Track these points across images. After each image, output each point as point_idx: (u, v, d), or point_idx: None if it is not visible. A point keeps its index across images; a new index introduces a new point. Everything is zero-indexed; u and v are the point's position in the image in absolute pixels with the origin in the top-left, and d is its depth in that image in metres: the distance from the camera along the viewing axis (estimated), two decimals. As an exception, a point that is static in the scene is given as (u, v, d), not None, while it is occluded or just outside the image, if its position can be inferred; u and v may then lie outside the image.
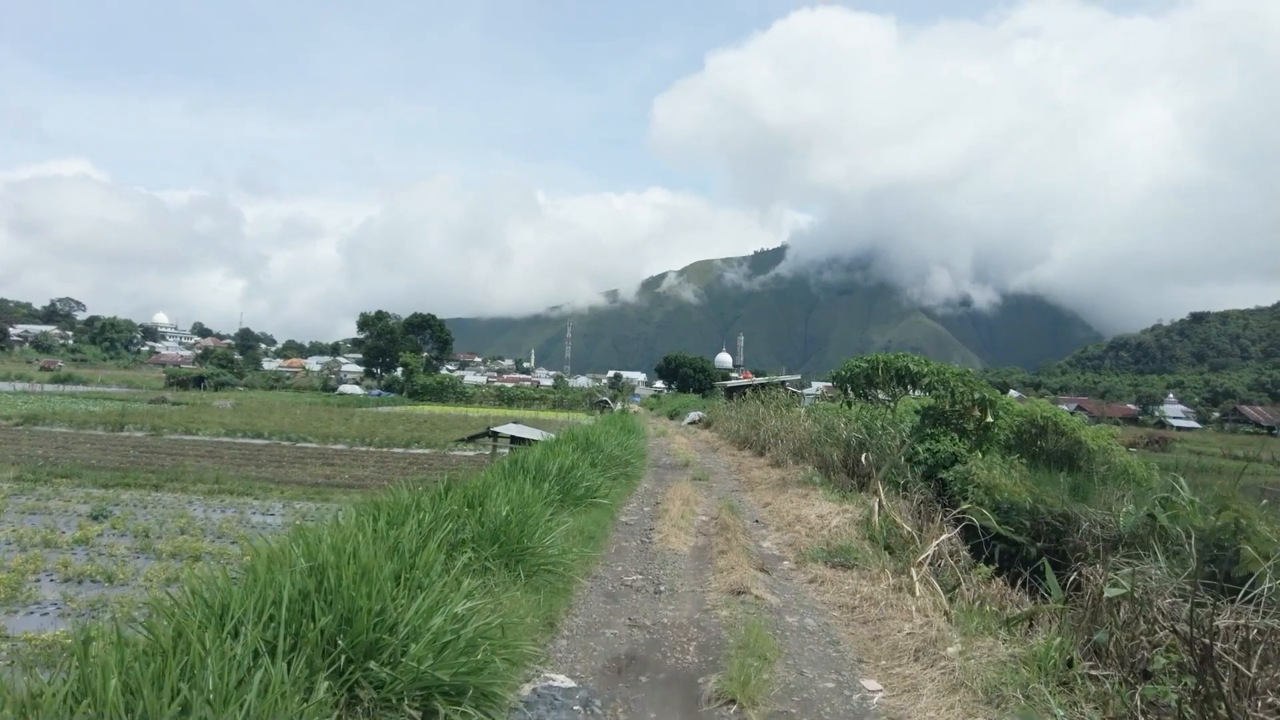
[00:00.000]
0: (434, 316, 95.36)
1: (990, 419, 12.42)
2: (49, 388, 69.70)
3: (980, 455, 14.01)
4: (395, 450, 32.82)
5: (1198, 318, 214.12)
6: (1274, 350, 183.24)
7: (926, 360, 13.01)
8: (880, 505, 9.46)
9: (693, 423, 41.37)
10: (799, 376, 57.07)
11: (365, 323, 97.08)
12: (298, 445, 33.16)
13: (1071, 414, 18.73)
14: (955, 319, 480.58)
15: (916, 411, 14.11)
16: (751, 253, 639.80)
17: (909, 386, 13.03)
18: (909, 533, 9.30)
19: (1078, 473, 17.09)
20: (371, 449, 32.97)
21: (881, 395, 13.84)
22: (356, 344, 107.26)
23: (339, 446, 33.43)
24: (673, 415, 52.01)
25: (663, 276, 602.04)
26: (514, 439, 20.28)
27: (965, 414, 12.94)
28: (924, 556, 7.04)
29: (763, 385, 38.39)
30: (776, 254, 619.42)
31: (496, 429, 19.96)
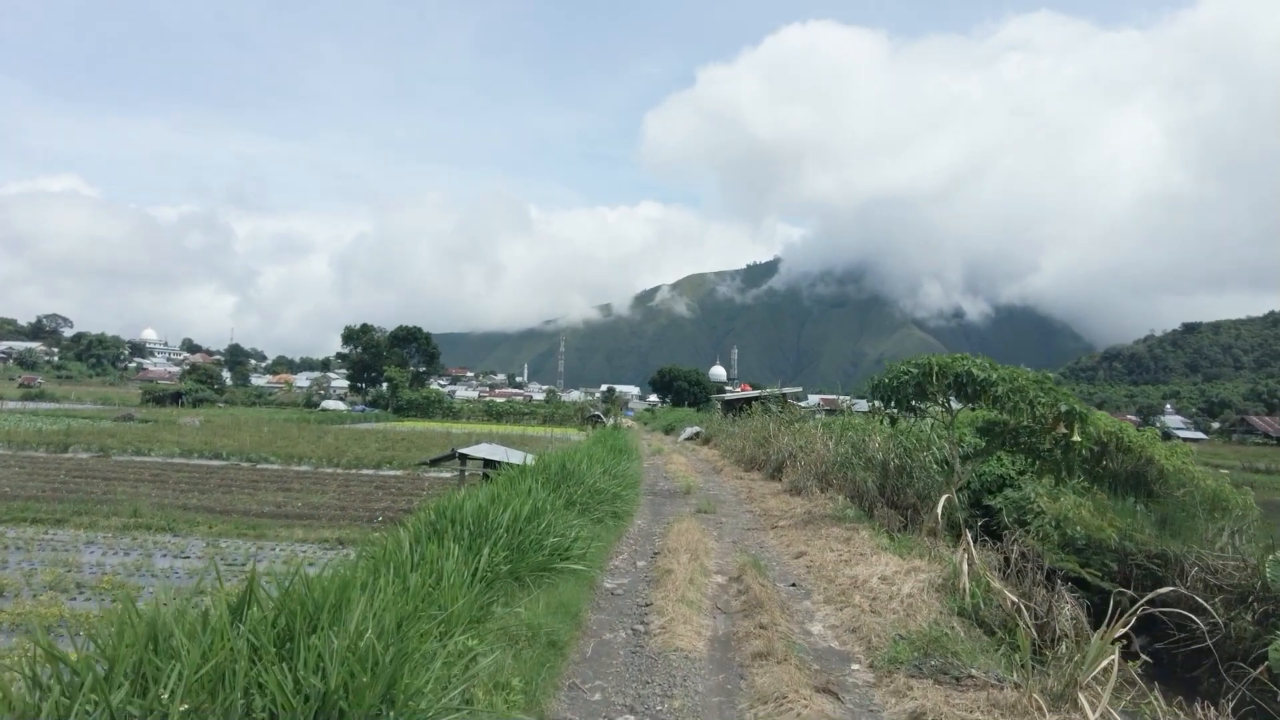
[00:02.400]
0: (420, 329, 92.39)
1: (1078, 437, 9.72)
2: (12, 405, 66.42)
3: (1056, 482, 11.32)
4: (364, 472, 29.88)
5: (1190, 328, 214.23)
6: (1266, 360, 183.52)
7: (993, 364, 10.32)
8: (970, 562, 6.71)
9: (690, 438, 38.61)
10: (800, 388, 54.41)
11: (350, 336, 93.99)
12: (257, 467, 30.17)
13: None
14: (947, 331, 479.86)
15: (978, 428, 11.39)
16: (744, 266, 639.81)
17: (969, 397, 10.36)
18: (1014, 605, 6.56)
19: (1150, 498, 14.35)
20: (338, 470, 30.00)
21: (931, 408, 11.15)
22: (342, 358, 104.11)
23: (302, 468, 30.44)
24: (668, 430, 49.25)
25: (655, 290, 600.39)
26: (487, 462, 17.43)
27: (1042, 431, 10.24)
28: (1101, 668, 4.29)
29: (761, 398, 35.76)
30: (769, 267, 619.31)
31: (464, 451, 17.09)
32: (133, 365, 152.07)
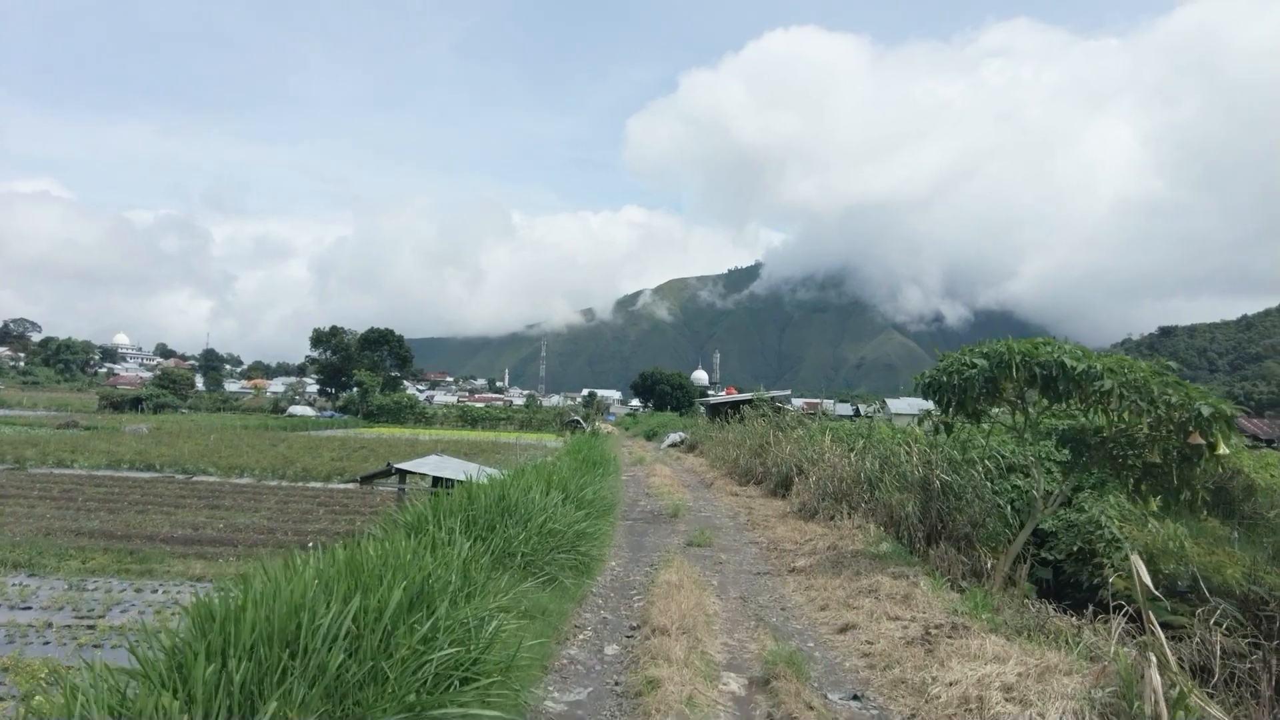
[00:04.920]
0: (392, 331, 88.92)
1: (1225, 449, 7.06)
2: (-51, 412, 62.21)
3: (1166, 508, 8.65)
4: (311, 485, 26.74)
5: (1166, 332, 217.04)
6: (1240, 363, 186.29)
7: (1088, 352, 7.66)
8: (1163, 667, 3.98)
9: (674, 445, 35.82)
10: (788, 392, 51.89)
11: (319, 339, 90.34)
12: (192, 480, 26.95)
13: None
14: (927, 335, 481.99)
15: (1060, 437, 8.67)
16: (726, 271, 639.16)
17: (1056, 396, 7.69)
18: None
19: (1237, 521, 11.73)
20: (282, 483, 26.86)
21: (999, 411, 8.47)
22: (313, 362, 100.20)
23: (242, 481, 27.28)
24: (650, 436, 46.44)
25: (638, 295, 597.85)
26: (437, 480, 14.50)
27: (1152, 441, 7.56)
28: None
29: (752, 401, 33.14)
30: (751, 272, 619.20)
31: (402, 466, 14.12)
32: (103, 371, 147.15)
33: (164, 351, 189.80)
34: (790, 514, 12.32)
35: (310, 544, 16.04)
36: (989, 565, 8.95)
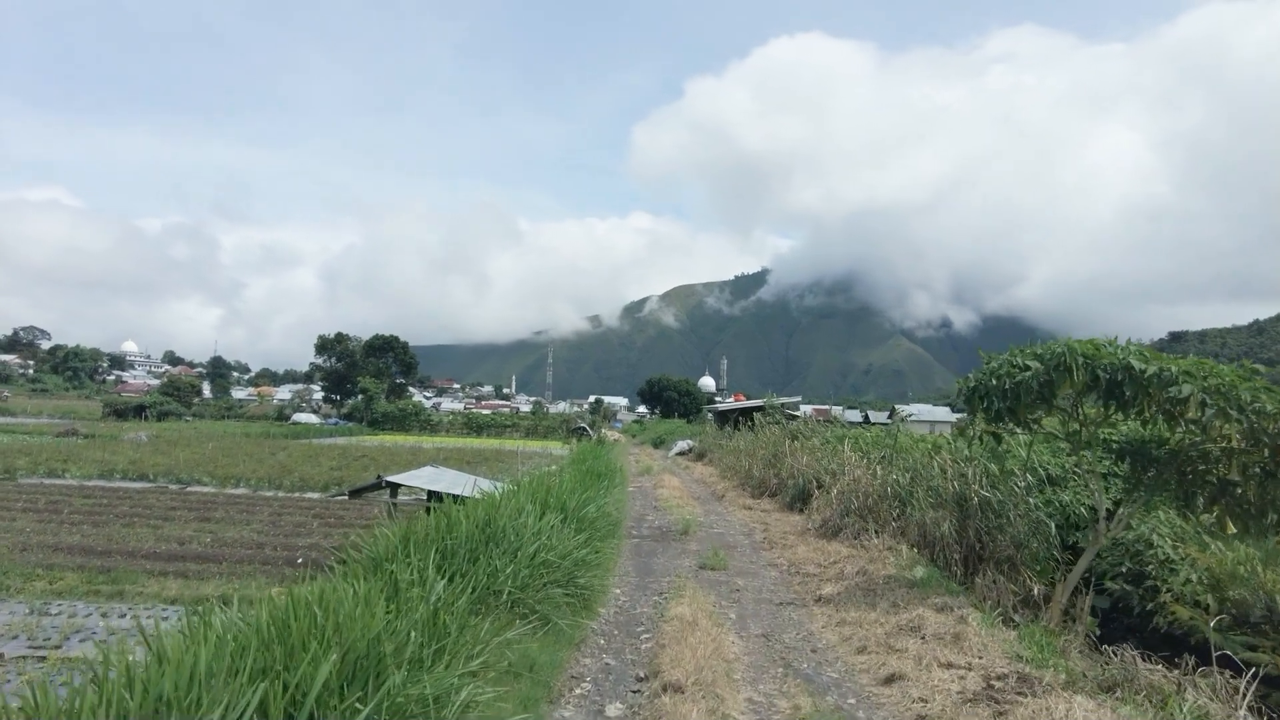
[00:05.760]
0: (397, 338, 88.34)
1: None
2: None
3: (1245, 530, 7.67)
4: (308, 495, 25.93)
5: (1176, 337, 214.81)
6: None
7: (1156, 353, 6.73)
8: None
9: (681, 453, 34.89)
10: (798, 399, 50.87)
11: (324, 345, 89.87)
12: (186, 490, 26.19)
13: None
14: (935, 341, 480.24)
15: (1118, 449, 7.71)
16: (732, 277, 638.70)
17: (1122, 403, 6.78)
18: None
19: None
20: (278, 494, 26.08)
21: (1048, 420, 7.54)
22: (318, 369, 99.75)
23: (238, 491, 26.51)
24: (657, 443, 45.54)
25: (644, 301, 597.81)
26: (431, 493, 13.64)
27: (1233, 455, 6.63)
28: None
29: (763, 408, 32.20)
30: (757, 278, 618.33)
31: (393, 479, 13.26)
32: (111, 378, 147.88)
33: (172, 359, 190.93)
34: (810, 531, 11.40)
35: (300, 560, 15.17)
36: (1037, 592, 8.04)
